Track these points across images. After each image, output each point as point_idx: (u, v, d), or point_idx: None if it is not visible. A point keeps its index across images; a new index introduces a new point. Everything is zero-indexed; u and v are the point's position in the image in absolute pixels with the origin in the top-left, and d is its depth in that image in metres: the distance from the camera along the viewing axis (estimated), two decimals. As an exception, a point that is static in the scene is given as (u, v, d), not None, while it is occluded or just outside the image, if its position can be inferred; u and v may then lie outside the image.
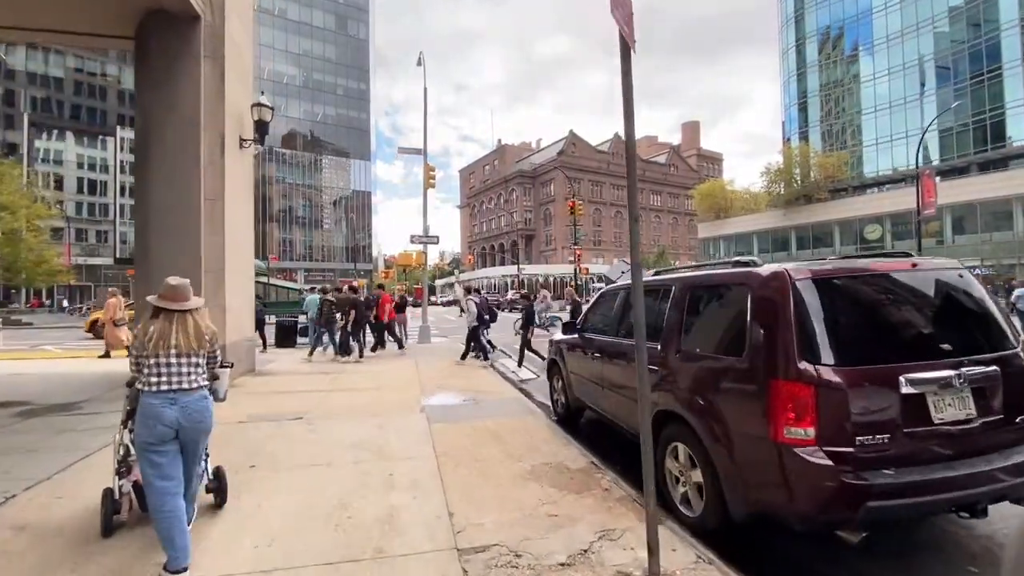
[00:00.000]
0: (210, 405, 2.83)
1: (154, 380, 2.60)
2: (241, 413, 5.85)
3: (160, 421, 2.55)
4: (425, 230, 14.53)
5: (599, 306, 5.15)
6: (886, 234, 43.05)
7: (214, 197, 7.59)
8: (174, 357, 2.65)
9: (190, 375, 2.70)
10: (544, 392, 7.50)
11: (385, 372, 9.05)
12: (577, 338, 5.22)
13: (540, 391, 7.65)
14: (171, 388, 2.61)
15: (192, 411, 2.66)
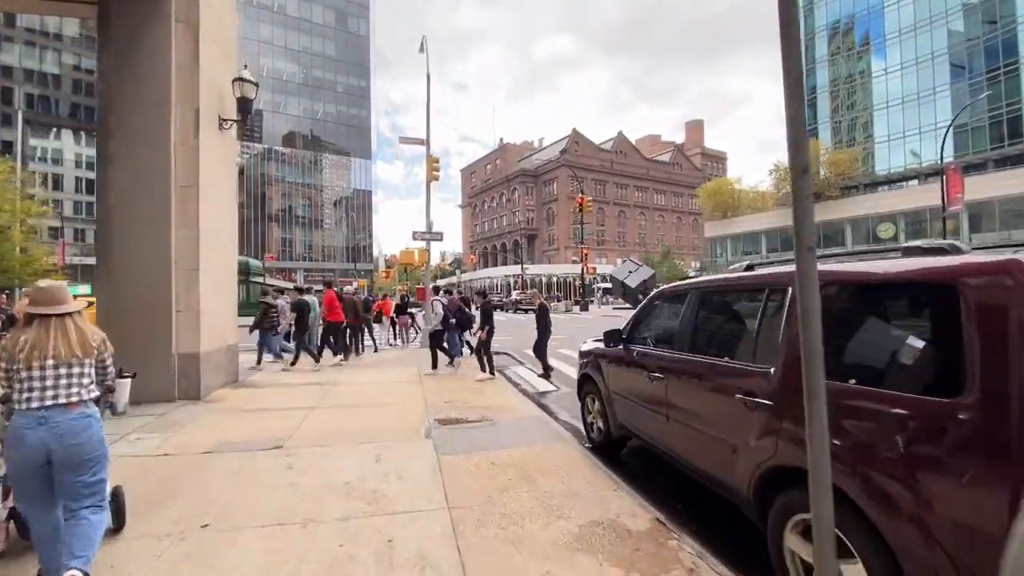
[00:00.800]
0: (94, 424, 2.37)
1: (24, 396, 2.24)
2: (209, 439, 4.84)
3: (22, 444, 2.18)
4: (428, 226, 13.53)
5: (655, 311, 4.13)
6: (899, 232, 41.96)
7: (187, 184, 6.58)
8: (51, 368, 2.29)
9: (69, 387, 2.32)
10: (568, 407, 6.50)
11: (384, 383, 8.03)
12: (623, 351, 4.19)
13: (564, 407, 6.64)
14: (42, 405, 2.25)
15: (64, 432, 2.24)
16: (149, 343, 6.28)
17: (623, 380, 4.17)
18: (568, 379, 8.63)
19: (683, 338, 3.42)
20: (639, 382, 3.83)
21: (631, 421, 4.08)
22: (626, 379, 4.10)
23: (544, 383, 8.22)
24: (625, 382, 4.13)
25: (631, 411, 4.03)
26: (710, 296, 3.40)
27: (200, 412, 5.96)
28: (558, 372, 9.41)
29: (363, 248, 79.63)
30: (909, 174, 46.50)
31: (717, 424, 2.87)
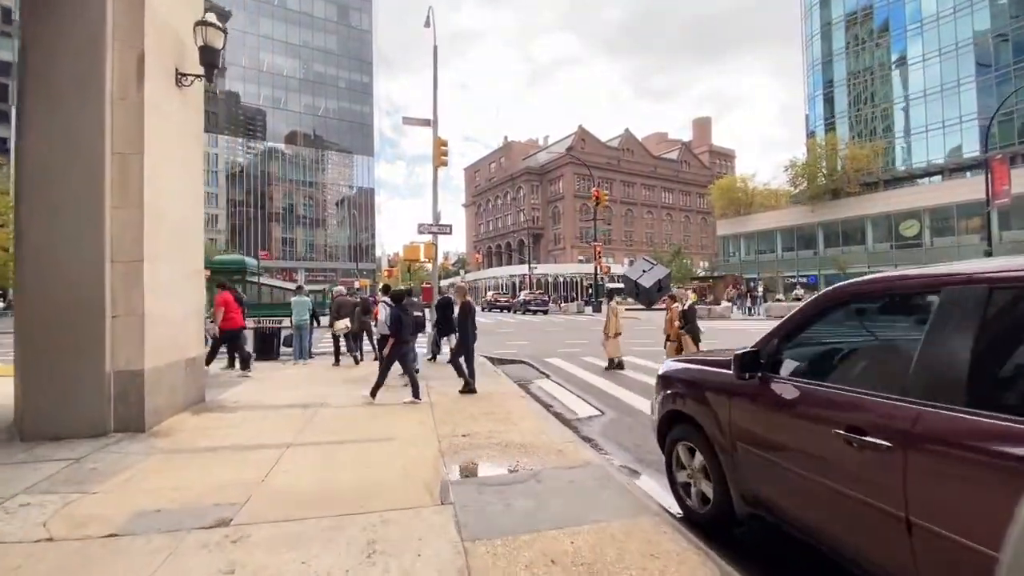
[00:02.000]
0: None
1: None
2: (127, 505, 3.30)
3: None
4: (435, 217, 11.98)
5: (837, 324, 2.57)
6: (924, 230, 40.20)
7: (128, 150, 5.05)
8: None
9: None
10: (625, 444, 4.94)
11: (384, 405, 6.49)
12: (761, 385, 2.63)
13: (619, 443, 5.08)
14: None
15: None
16: (73, 359, 4.76)
17: (767, 432, 2.60)
18: (607, 398, 7.07)
19: (938, 376, 1.83)
20: (814, 443, 2.26)
21: (786, 502, 2.51)
22: (777, 432, 2.53)
23: (584, 406, 6.64)
24: (774, 437, 2.55)
25: (790, 486, 2.45)
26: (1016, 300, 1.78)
27: (136, 453, 4.43)
28: (589, 386, 7.85)
29: (366, 248, 78.25)
30: (932, 169, 44.70)
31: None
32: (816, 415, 2.28)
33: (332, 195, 74.95)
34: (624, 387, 7.77)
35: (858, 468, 2.02)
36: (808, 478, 2.29)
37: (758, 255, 51.98)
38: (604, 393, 7.41)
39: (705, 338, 14.29)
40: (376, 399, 6.56)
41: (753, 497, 2.74)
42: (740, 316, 23.31)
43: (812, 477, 2.25)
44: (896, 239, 41.56)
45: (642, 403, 6.62)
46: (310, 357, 11.65)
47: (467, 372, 7.10)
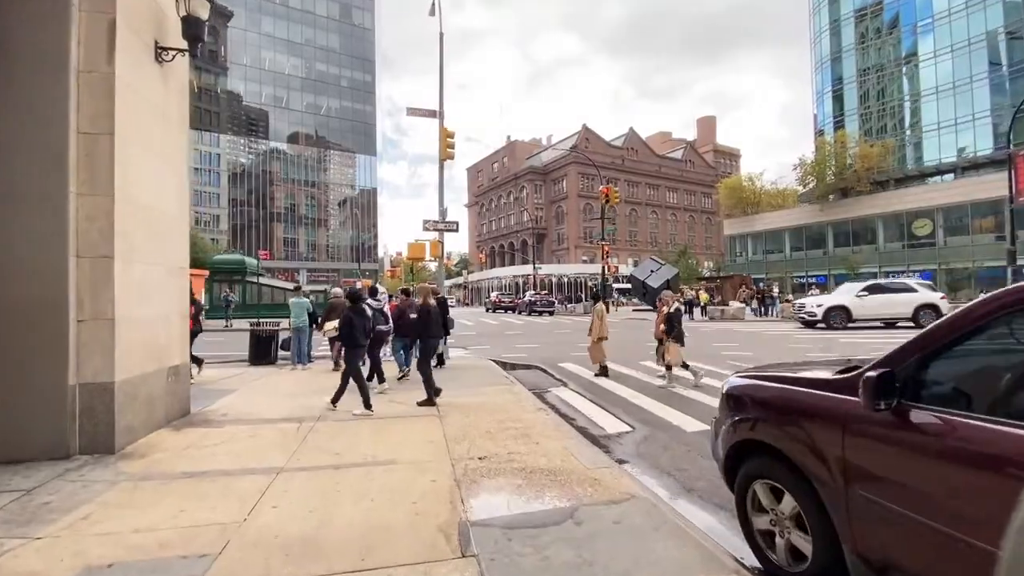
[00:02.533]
0: None
1: None
2: (72, 558, 2.65)
3: None
4: (441, 214, 11.34)
5: (985, 336, 1.89)
6: (937, 229, 39.39)
7: (97, 130, 4.42)
8: None
9: None
10: (666, 468, 4.27)
11: (389, 419, 5.84)
12: (892, 416, 1.96)
13: (660, 467, 4.40)
14: None
15: None
16: (30, 369, 4.13)
17: (912, 479, 1.93)
18: (634, 410, 6.40)
19: None
20: (989, 502, 1.59)
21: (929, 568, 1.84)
22: (929, 481, 1.86)
23: (610, 420, 5.98)
24: (924, 487, 1.88)
25: (944, 556, 1.78)
26: None
27: (101, 481, 3.79)
28: (612, 396, 7.18)
29: (368, 248, 77.72)
30: (944, 168, 43.85)
31: None
32: (994, 463, 1.62)
33: (334, 195, 74.44)
34: (652, 397, 7.10)
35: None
36: (977, 548, 1.63)
37: (766, 255, 51.21)
38: (630, 404, 6.74)
39: (722, 341, 13.65)
40: (373, 410, 5.93)
41: (881, 562, 2.07)
42: (754, 317, 22.59)
43: (983, 547, 1.59)
44: (908, 238, 40.76)
45: (675, 416, 5.96)
46: (309, 361, 11.01)
47: (431, 381, 6.54)
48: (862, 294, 17.47)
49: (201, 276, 23.88)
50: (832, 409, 2.27)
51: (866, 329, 17.02)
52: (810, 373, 2.77)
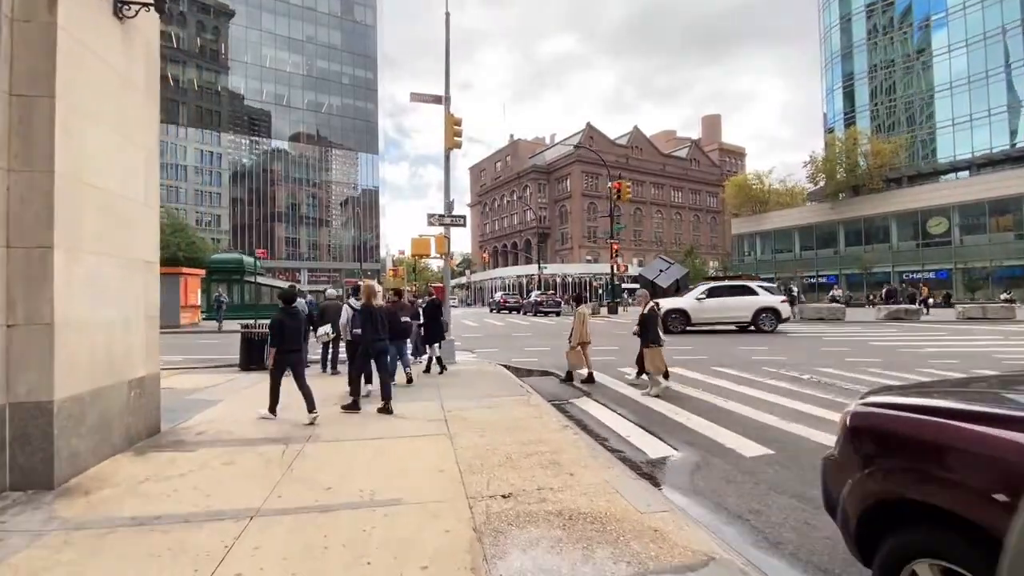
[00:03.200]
0: None
1: None
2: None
3: None
4: (448, 207, 10.52)
5: None
6: (953, 228, 38.41)
7: (33, 92, 3.61)
8: None
9: None
10: (726, 503, 3.41)
11: (389, 440, 5.01)
12: None
13: (723, 506, 3.53)
14: None
15: None
16: (-58, 387, 3.31)
17: None
18: (675, 428, 5.56)
19: None
20: None
21: None
22: None
23: (650, 440, 5.12)
24: None
25: None
26: None
27: (24, 531, 2.97)
28: (644, 408, 6.33)
29: (371, 248, 77.01)
30: (959, 164, 42.84)
31: None
32: None
33: (336, 194, 73.74)
34: (691, 410, 6.26)
35: None
36: None
37: (775, 254, 50.29)
38: (668, 420, 5.89)
39: (748, 344, 12.68)
40: (276, 415, 5.58)
41: None
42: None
43: None
44: (923, 237, 39.78)
45: (726, 436, 5.12)
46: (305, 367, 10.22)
47: (358, 389, 6.19)
48: (701, 296, 16.52)
49: (197, 276, 23.13)
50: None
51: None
52: (1004, 407, 1.92)
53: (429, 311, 8.99)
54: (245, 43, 64.51)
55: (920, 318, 19.43)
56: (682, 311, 16.23)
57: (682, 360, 10.32)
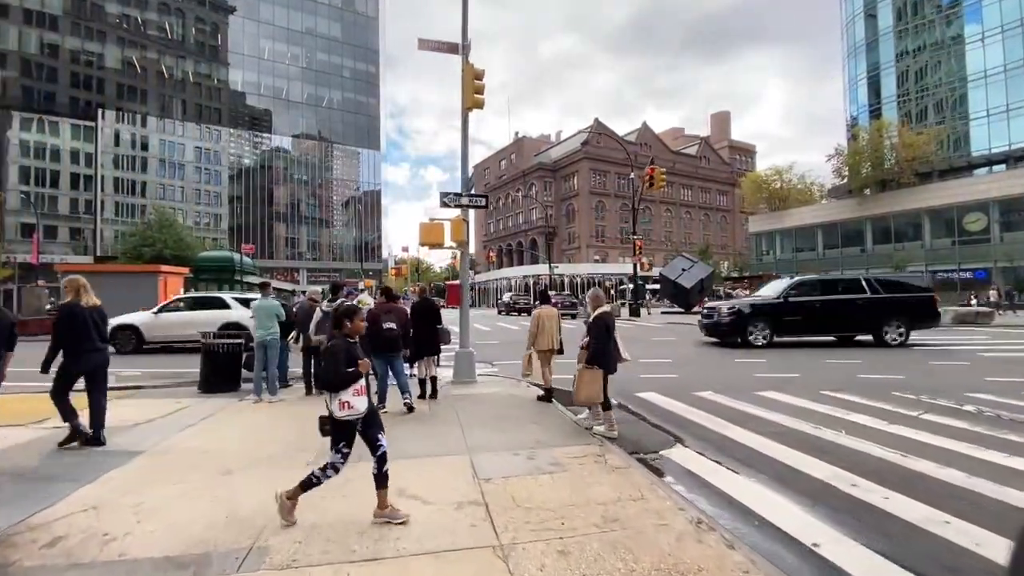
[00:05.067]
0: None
1: None
2: None
3: None
4: (465, 184, 8.34)
5: None
6: (992, 224, 35.95)
7: None
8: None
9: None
10: None
11: (386, 567, 2.76)
12: None
13: None
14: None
15: None
16: None
17: None
18: (814, 486, 3.28)
19: None
20: None
21: None
22: None
23: (796, 516, 2.89)
24: None
25: None
26: None
27: None
28: (757, 455, 4.08)
29: (373, 248, 74.89)
30: (995, 158, 40.42)
31: None
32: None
33: (338, 192, 71.64)
34: (862, 473, 4.03)
35: None
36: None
37: (796, 253, 47.89)
38: (832, 489, 3.67)
39: (836, 358, 10.01)
40: None
41: None
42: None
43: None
44: (959, 234, 37.33)
45: (960, 530, 2.89)
46: (285, 386, 8.02)
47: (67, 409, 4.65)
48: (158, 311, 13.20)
49: (179, 275, 20.94)
50: None
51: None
52: None
53: (419, 313, 6.78)
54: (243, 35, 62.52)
55: (992, 321, 17.14)
56: (132, 327, 12.73)
57: (770, 379, 8.08)
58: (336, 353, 3.02)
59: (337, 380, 2.95)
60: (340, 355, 3.02)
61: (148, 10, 60.74)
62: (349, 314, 3.20)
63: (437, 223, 7.80)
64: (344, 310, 3.25)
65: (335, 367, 2.97)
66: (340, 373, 2.96)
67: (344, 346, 3.10)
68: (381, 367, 6.15)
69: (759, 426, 5.38)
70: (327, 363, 3.02)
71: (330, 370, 2.98)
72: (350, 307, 3.30)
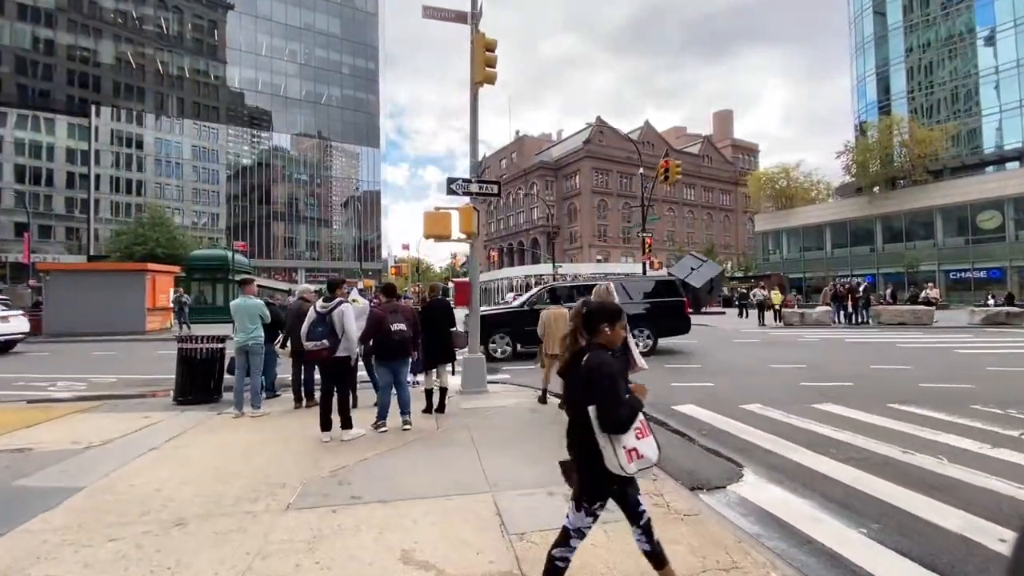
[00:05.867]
0: None
1: None
2: None
3: None
4: (475, 170, 7.43)
5: None
6: (1008, 222, 35.05)
7: None
8: None
9: None
10: None
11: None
12: None
13: None
14: None
15: None
16: None
17: None
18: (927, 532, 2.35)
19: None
20: None
21: None
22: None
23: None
24: None
25: None
26: None
27: None
28: (842, 491, 3.17)
29: (373, 248, 73.93)
30: (1009, 155, 39.55)
31: None
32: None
33: (337, 189, 70.69)
34: (948, 494, 3.13)
35: None
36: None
37: (803, 252, 46.96)
38: (922, 523, 2.81)
39: (885, 360, 8.95)
40: None
41: None
42: (844, 324, 18.48)
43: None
44: (973, 233, 36.44)
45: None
46: (272, 396, 7.11)
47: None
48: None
49: (169, 274, 20.03)
50: None
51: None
52: None
53: (432, 315, 5.90)
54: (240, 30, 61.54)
55: None
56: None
57: (823, 389, 7.17)
58: (615, 376, 2.01)
59: (627, 414, 1.97)
60: (619, 379, 2.04)
61: (145, 6, 59.82)
62: (611, 316, 2.13)
63: (444, 212, 6.89)
64: (602, 310, 2.16)
65: (618, 395, 1.98)
66: (626, 404, 2.00)
67: (619, 365, 2.11)
68: (385, 376, 5.26)
69: (837, 450, 4.47)
70: (605, 390, 1.97)
71: (614, 401, 1.96)
72: (611, 307, 2.22)
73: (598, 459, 1.96)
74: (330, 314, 4.96)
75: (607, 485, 2.02)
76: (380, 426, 5.20)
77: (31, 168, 56.27)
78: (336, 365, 4.99)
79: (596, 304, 2.21)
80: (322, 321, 4.96)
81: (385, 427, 5.19)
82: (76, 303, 16.33)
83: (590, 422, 1.97)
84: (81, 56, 57.50)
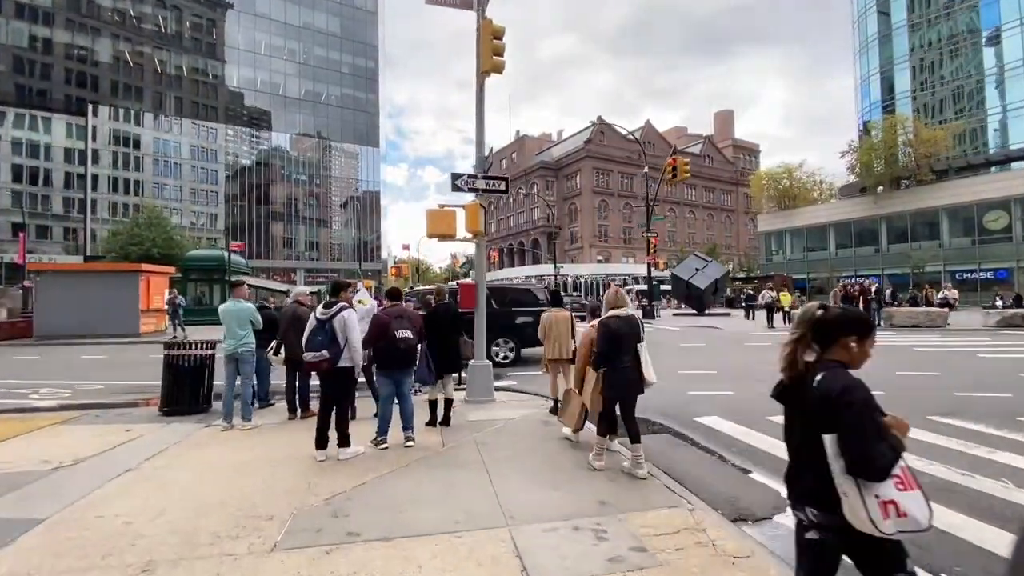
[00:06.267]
0: None
1: None
2: None
3: None
4: (481, 165, 7.00)
5: None
6: (1015, 222, 34.66)
7: None
8: None
9: None
10: None
11: None
12: None
13: None
14: None
15: None
16: None
17: None
18: None
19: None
20: None
21: None
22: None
23: None
24: None
25: None
26: None
27: None
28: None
29: (372, 248, 73.49)
30: (1015, 155, 39.13)
31: None
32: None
33: (336, 189, 70.25)
34: None
35: None
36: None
37: (807, 252, 46.55)
38: (983, 555, 2.34)
39: (908, 367, 8.56)
40: None
41: None
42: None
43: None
44: (979, 233, 36.05)
45: None
46: (266, 405, 6.67)
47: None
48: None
49: (164, 274, 19.57)
50: None
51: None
52: None
53: (439, 321, 5.45)
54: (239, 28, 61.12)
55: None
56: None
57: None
58: (871, 404, 1.52)
59: (889, 457, 1.46)
60: (877, 408, 1.53)
61: (143, 4, 59.39)
62: (861, 327, 1.68)
63: (448, 210, 6.46)
64: (848, 318, 1.70)
65: (877, 430, 1.49)
66: (886, 443, 1.48)
67: (869, 391, 1.55)
68: (386, 387, 4.82)
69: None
70: (859, 424, 1.47)
71: (871, 438, 1.46)
72: (859, 316, 1.76)
73: (836, 506, 1.49)
74: (331, 321, 4.49)
75: (828, 556, 1.55)
76: (381, 442, 4.76)
77: (28, 168, 55.81)
78: (337, 377, 4.53)
79: (838, 311, 1.73)
80: (322, 329, 4.50)
81: (386, 443, 4.75)
82: (68, 304, 15.89)
83: (824, 455, 1.49)
84: (79, 55, 57.06)
